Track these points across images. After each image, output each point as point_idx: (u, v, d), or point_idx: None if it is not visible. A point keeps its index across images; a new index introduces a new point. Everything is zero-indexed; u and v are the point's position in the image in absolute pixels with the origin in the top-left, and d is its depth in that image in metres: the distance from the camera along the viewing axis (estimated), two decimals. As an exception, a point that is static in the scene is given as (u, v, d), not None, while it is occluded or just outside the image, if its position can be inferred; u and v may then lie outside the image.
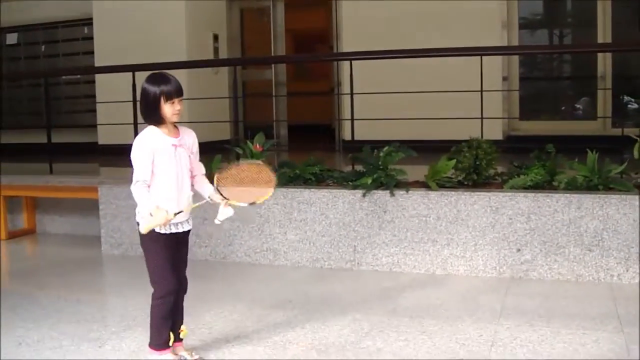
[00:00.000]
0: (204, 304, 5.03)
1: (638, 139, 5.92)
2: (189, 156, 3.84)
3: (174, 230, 3.80)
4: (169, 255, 3.79)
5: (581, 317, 4.72)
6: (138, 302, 5.10)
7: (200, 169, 3.94)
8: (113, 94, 8.84)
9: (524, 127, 9.83)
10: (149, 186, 3.69)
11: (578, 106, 10.66)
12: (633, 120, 10.29)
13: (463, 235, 5.77)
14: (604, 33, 9.76)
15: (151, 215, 3.60)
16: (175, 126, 3.84)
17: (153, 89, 3.69)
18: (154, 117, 3.73)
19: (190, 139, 3.88)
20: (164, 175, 3.72)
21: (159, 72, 3.79)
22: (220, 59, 10.94)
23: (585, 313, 4.80)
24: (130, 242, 6.69)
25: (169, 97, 3.67)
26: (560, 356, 4.02)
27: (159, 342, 3.84)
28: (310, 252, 6.19)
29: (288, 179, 6.39)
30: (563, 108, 10.81)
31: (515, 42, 9.99)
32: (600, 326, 4.52)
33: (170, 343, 3.86)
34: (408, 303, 5.12)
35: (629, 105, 10.57)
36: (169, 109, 3.69)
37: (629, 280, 5.50)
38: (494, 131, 8.81)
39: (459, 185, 6.02)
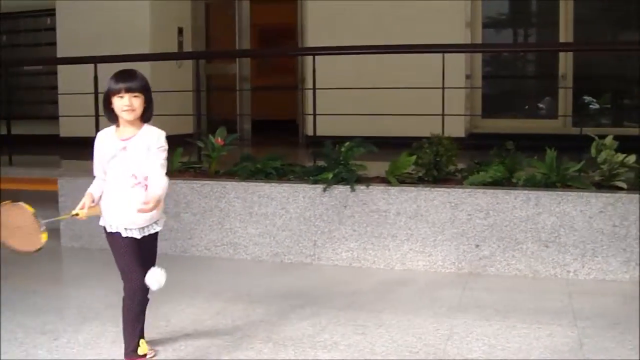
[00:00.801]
0: (162, 297, 4.93)
1: (596, 137, 6.00)
2: (142, 161, 3.60)
3: (136, 236, 3.68)
4: (135, 252, 3.69)
5: (537, 311, 4.78)
6: (96, 294, 5.07)
7: (152, 170, 3.59)
8: (75, 86, 8.76)
9: (486, 124, 9.91)
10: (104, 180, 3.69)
11: (541, 105, 10.78)
12: (593, 120, 10.43)
13: (422, 231, 5.81)
14: (565, 33, 9.87)
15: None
16: (140, 126, 3.65)
17: (108, 85, 3.59)
18: (108, 114, 3.64)
19: (146, 141, 3.61)
20: (110, 176, 3.66)
21: (123, 69, 3.66)
22: (182, 52, 10.88)
23: (541, 308, 4.87)
24: (90, 234, 6.63)
25: (117, 90, 3.53)
26: (515, 350, 4.07)
27: (134, 349, 3.70)
28: (271, 246, 6.19)
29: (249, 173, 6.39)
30: (527, 107, 10.92)
31: (478, 41, 10.08)
32: (555, 320, 4.58)
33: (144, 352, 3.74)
34: (366, 297, 5.14)
35: (591, 106, 10.70)
36: (117, 104, 3.55)
37: (584, 276, 5.57)
38: (457, 128, 8.86)
39: (419, 181, 6.06)
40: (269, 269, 5.98)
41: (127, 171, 3.61)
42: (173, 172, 6.20)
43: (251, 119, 11.49)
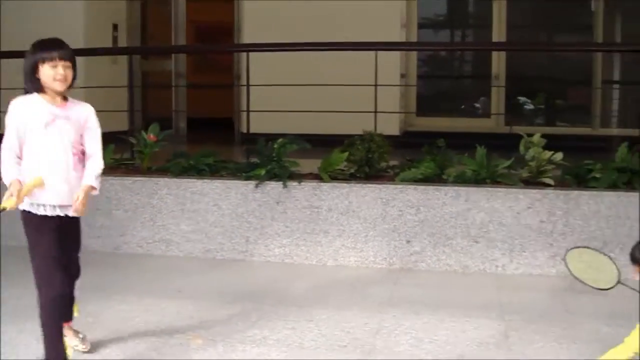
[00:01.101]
0: (92, 294, 4.90)
1: (524, 135, 6.12)
2: (79, 133, 3.50)
3: (59, 213, 3.47)
4: (55, 246, 3.45)
5: (465, 305, 4.85)
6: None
7: (93, 148, 3.55)
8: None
9: (421, 123, 10.00)
10: (19, 157, 3.40)
11: (477, 105, 10.94)
12: (526, 119, 10.65)
13: (354, 227, 5.85)
14: (498, 33, 10.03)
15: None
16: (66, 98, 3.50)
17: (31, 53, 3.41)
18: (32, 84, 3.42)
19: (83, 113, 3.52)
20: (36, 147, 3.39)
21: (47, 38, 3.50)
22: (115, 47, 10.70)
23: (470, 302, 4.95)
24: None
25: (50, 58, 3.36)
26: (441, 342, 4.13)
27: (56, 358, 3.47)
28: (203, 243, 6.16)
29: (182, 169, 6.34)
30: (463, 106, 11.06)
31: (413, 40, 10.16)
32: (483, 314, 4.66)
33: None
34: (298, 293, 5.16)
35: (526, 106, 10.92)
36: (48, 73, 3.36)
37: (512, 271, 5.68)
38: (391, 127, 8.94)
39: (351, 177, 6.09)
40: (201, 266, 5.94)
41: (66, 140, 3.44)
42: (104, 168, 6.10)
43: (187, 116, 11.39)
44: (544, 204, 5.65)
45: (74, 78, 3.50)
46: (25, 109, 3.42)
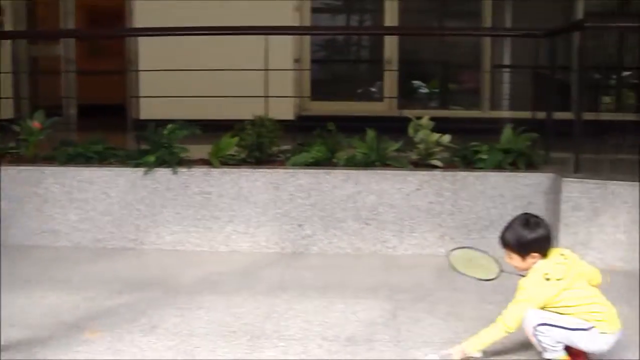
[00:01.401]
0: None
1: (413, 118, 6.21)
2: None
3: None
4: None
5: (356, 287, 4.92)
6: None
7: None
8: None
9: (315, 107, 10.04)
10: None
11: (372, 89, 11.05)
12: (418, 102, 10.85)
13: (246, 212, 5.83)
14: (391, 18, 10.15)
15: None
16: None
17: None
18: None
19: None
20: None
21: None
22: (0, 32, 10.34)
23: (360, 283, 5.01)
24: None
25: None
26: (331, 324, 4.16)
27: None
28: (92, 232, 6.02)
29: (68, 157, 6.18)
30: (358, 91, 11.16)
31: (307, 25, 10.17)
32: (373, 295, 4.73)
33: None
34: (189, 280, 5.10)
35: (421, 90, 11.12)
36: None
37: (403, 252, 5.78)
38: (286, 111, 8.93)
39: (242, 162, 6.06)
40: (90, 256, 5.80)
41: None
42: (-14, 158, 5.92)
43: (78, 103, 11.09)
44: (432, 186, 5.76)
45: None
46: None
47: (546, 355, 3.46)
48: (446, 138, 6.13)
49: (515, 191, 5.75)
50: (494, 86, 10.95)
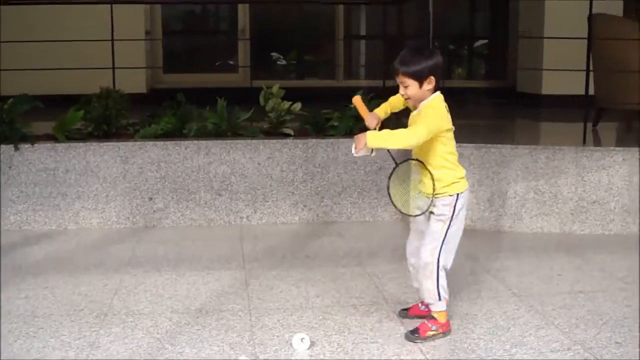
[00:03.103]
0: None
1: (264, 87, 6.19)
2: None
3: None
4: None
5: (208, 258, 4.89)
6: None
7: None
8: None
9: (169, 80, 9.84)
10: None
11: (228, 61, 10.94)
12: (274, 73, 10.83)
13: (94, 187, 5.66)
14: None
15: None
16: None
17: None
18: None
19: None
20: None
21: None
22: None
23: (213, 254, 4.99)
24: None
25: None
26: (182, 297, 4.11)
27: None
28: None
29: None
30: (212, 62, 11.01)
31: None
32: (225, 265, 4.72)
33: None
34: (34, 260, 4.90)
35: (279, 62, 11.10)
36: None
37: (257, 221, 5.78)
38: (137, 84, 8.77)
39: (89, 136, 5.87)
40: None
41: None
42: None
43: None
44: (284, 154, 5.77)
45: None
46: None
47: (438, 306, 3.51)
48: (297, 106, 6.15)
49: (367, 157, 5.82)
50: (348, 56, 11.08)
